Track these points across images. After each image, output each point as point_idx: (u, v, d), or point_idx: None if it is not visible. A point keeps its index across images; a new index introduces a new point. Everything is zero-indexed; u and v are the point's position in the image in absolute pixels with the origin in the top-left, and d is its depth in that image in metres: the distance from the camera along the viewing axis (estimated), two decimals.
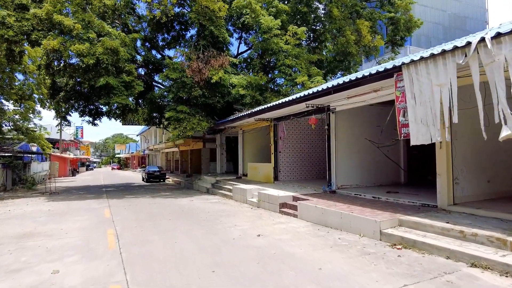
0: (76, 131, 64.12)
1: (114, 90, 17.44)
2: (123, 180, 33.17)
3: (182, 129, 17.53)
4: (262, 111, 14.04)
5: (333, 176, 12.07)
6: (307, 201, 10.01)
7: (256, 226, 8.76)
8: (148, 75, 23.54)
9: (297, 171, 16.65)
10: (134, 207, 12.67)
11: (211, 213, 10.99)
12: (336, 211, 8.40)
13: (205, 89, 18.28)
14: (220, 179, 18.92)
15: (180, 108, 17.86)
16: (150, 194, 17.57)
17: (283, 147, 16.22)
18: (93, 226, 8.91)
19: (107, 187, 24.02)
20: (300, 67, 18.70)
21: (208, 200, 14.53)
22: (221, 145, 23.88)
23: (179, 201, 14.26)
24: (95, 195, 17.75)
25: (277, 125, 15.95)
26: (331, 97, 11.02)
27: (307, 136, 17.02)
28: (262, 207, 11.97)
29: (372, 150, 13.09)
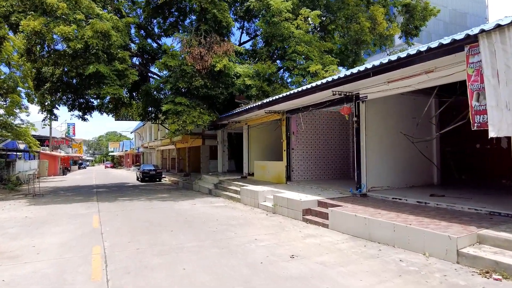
0: (68, 128, 61.73)
1: (105, 80, 15.49)
2: (116, 179, 31.15)
3: (181, 123, 15.63)
4: (276, 102, 12.20)
5: (362, 177, 10.29)
6: (339, 208, 8.21)
7: (282, 240, 6.94)
8: (143, 65, 21.58)
9: (312, 171, 14.85)
10: (128, 213, 10.79)
11: (220, 221, 9.14)
12: (386, 222, 6.61)
13: (207, 79, 16.39)
14: (223, 179, 17.07)
15: (179, 100, 15.95)
16: (145, 196, 15.67)
17: (296, 143, 14.41)
18: (76, 242, 7.02)
19: (98, 187, 22.04)
20: (313, 55, 16.87)
21: (212, 204, 12.69)
22: (222, 141, 22.00)
23: (180, 205, 12.40)
24: (84, 197, 15.80)
25: (290, 118, 14.13)
26: (364, 83, 9.22)
27: (323, 131, 15.23)
28: (279, 213, 10.17)
29: (403, 146, 11.35)
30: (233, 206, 12.14)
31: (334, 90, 9.93)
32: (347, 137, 16.01)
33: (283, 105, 12.67)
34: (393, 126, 11.10)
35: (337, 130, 15.65)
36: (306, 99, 11.34)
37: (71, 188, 21.41)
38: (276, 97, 12.13)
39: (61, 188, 21.85)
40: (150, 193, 17.39)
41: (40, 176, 36.10)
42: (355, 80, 8.77)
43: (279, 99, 12.00)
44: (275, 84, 16.92)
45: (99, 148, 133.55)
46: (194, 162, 30.14)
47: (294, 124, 14.31)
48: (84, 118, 22.97)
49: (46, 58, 15.82)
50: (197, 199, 14.38)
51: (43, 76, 18.75)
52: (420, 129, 11.15)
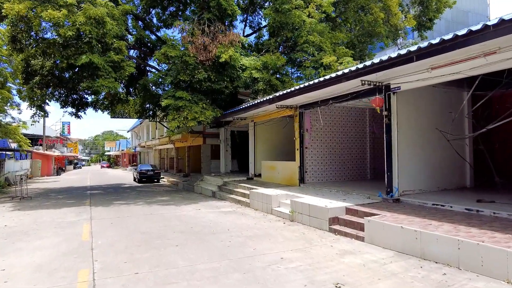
0: (63, 127, 60.13)
1: (100, 71, 14.10)
2: (112, 180, 29.69)
3: (182, 119, 14.25)
4: (291, 94, 10.86)
5: (394, 179, 8.98)
6: (377, 217, 6.90)
7: (316, 260, 5.61)
8: (141, 58, 20.17)
9: (327, 172, 13.53)
10: (124, 220, 9.41)
11: (232, 232, 7.80)
12: (447, 237, 5.30)
13: (210, 72, 15.02)
14: (228, 181, 15.73)
15: (180, 94, 14.57)
16: (144, 199, 14.28)
17: (310, 141, 13.09)
18: (58, 263, 5.65)
19: (93, 189, 20.61)
20: (326, 46, 15.55)
21: (219, 209, 11.34)
22: (225, 140, 20.65)
23: (183, 211, 11.04)
24: (76, 200, 14.39)
25: (304, 114, 12.81)
26: (401, 70, 7.91)
27: (338, 128, 13.92)
28: (298, 221, 8.84)
29: (434, 145, 10.10)
30: (242, 211, 10.79)
31: (363, 79, 8.61)
32: (363, 135, 14.72)
33: (298, 99, 11.33)
34: (425, 121, 9.82)
35: (352, 127, 14.35)
36: (327, 90, 10.02)
37: (64, 190, 19.96)
38: (292, 89, 10.78)
39: (52, 189, 20.39)
40: (148, 195, 16.01)
41: (33, 176, 34.61)
42: (393, 66, 7.45)
43: (295, 91, 10.66)
44: (284, 78, 15.58)
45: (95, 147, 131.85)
46: (194, 162, 28.77)
47: (308, 120, 12.99)
48: (77, 115, 21.54)
49: (34, 48, 14.37)
50: (201, 203, 13.02)
51: (32, 69, 17.28)
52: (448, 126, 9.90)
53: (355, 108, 14.30)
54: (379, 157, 15.14)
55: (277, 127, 16.60)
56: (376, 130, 14.89)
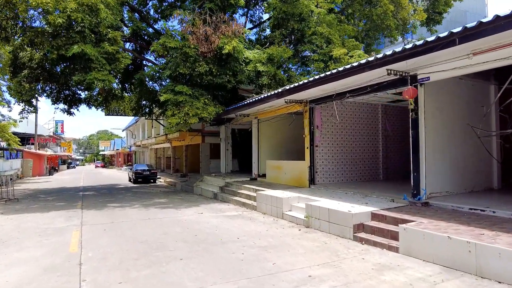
0: (56, 126, 58.75)
1: (93, 64, 13.06)
2: (106, 180, 28.54)
3: (183, 115, 13.21)
4: (304, 87, 9.88)
5: (422, 180, 8.04)
6: (413, 224, 5.94)
7: (350, 279, 4.64)
8: (137, 51, 19.10)
9: (339, 172, 12.59)
10: (119, 226, 8.38)
11: (243, 240, 6.81)
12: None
13: (212, 65, 14.01)
14: (230, 181, 14.73)
15: (180, 89, 13.54)
16: (140, 202, 13.24)
17: (321, 139, 12.14)
18: (36, 285, 4.62)
19: (86, 189, 19.51)
20: (335, 38, 14.62)
21: (223, 213, 10.34)
22: (226, 139, 19.64)
23: (184, 215, 10.02)
24: (66, 202, 13.31)
25: (314, 109, 11.86)
26: (435, 56, 6.96)
27: (350, 125, 12.98)
28: (315, 227, 7.87)
29: (460, 142, 9.21)
30: (250, 215, 9.80)
31: (390, 68, 7.66)
32: (375, 133, 13.80)
33: (311, 92, 10.36)
34: (451, 116, 8.92)
35: (364, 124, 13.42)
36: (345, 82, 9.05)
37: (55, 191, 18.83)
38: (305, 81, 9.80)
39: (43, 190, 19.25)
40: (145, 197, 14.95)
41: (24, 176, 33.35)
42: (429, 51, 6.49)
43: (309, 83, 9.69)
44: (290, 72, 14.61)
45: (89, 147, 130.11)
46: (192, 161, 27.73)
47: (319, 116, 12.04)
48: (70, 112, 20.40)
49: (22, 37, 13.27)
50: (203, 205, 12.01)
51: (20, 62, 16.15)
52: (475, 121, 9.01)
53: (367, 103, 13.39)
54: (392, 156, 14.27)
55: (282, 124, 15.62)
56: (388, 127, 13.98)
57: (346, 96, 9.78)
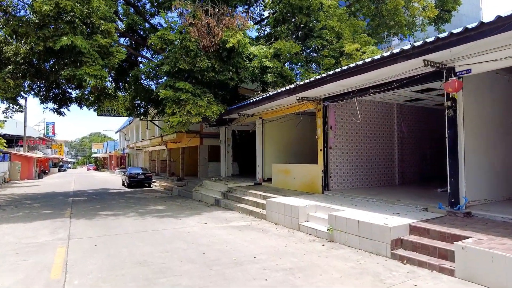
0: (47, 127, 56.99)
1: (84, 57, 11.90)
2: (98, 184, 27.19)
3: (185, 114, 12.08)
4: (321, 82, 8.84)
5: (461, 187, 7.02)
6: (474, 243, 4.90)
7: None
8: (132, 47, 17.93)
9: (354, 176, 11.57)
10: (112, 241, 7.22)
11: (262, 261, 5.72)
12: None
13: (214, 60, 12.92)
14: (233, 186, 13.63)
15: (181, 85, 12.43)
16: (135, 209, 12.06)
17: (335, 140, 11.11)
18: None
19: (76, 194, 18.23)
20: (346, 33, 13.64)
21: (229, 223, 9.23)
22: (226, 140, 18.54)
23: (186, 225, 8.89)
24: (54, 210, 12.08)
25: (328, 108, 10.83)
26: (486, 43, 5.95)
27: (364, 125, 11.98)
28: (341, 241, 6.81)
29: (497, 143, 8.24)
30: (260, 226, 8.71)
31: (428, 58, 6.65)
32: (390, 134, 12.82)
33: (329, 88, 9.31)
34: (490, 114, 7.96)
35: (378, 125, 12.43)
36: (369, 76, 8.03)
37: (42, 196, 17.53)
38: (324, 75, 8.74)
39: (30, 196, 17.93)
40: (140, 203, 13.76)
41: (11, 180, 31.83)
42: (482, 36, 5.49)
43: (327, 77, 8.63)
44: (299, 68, 13.59)
45: (82, 149, 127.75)
46: (189, 164, 26.56)
47: (333, 115, 11.02)
48: (60, 112, 19.17)
49: (4, 28, 12.06)
50: (205, 214, 10.88)
51: (5, 57, 14.89)
52: None
53: (382, 102, 12.43)
54: (407, 160, 13.30)
55: (289, 125, 14.60)
56: (404, 128, 13.02)
57: (369, 93, 8.77)
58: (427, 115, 13.97)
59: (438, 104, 13.62)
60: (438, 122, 14.53)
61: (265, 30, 20.63)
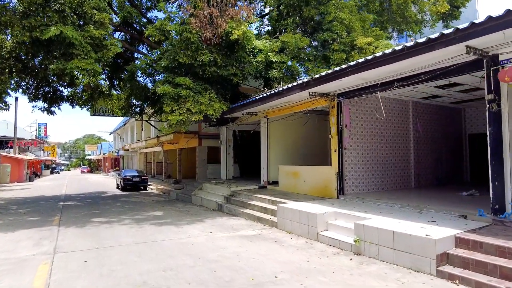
0: (39, 129, 55.53)
1: (75, 50, 10.90)
2: (92, 187, 26.05)
3: (185, 112, 11.12)
4: (340, 74, 7.93)
5: (507, 192, 6.13)
6: None
7: None
8: (128, 42, 16.92)
9: (370, 179, 10.68)
10: (105, 256, 6.23)
11: (285, 282, 4.78)
12: None
13: (217, 54, 11.98)
14: (236, 190, 12.68)
15: (180, 81, 11.46)
16: (131, 215, 11.06)
17: (350, 140, 10.21)
18: None
19: (67, 199, 17.14)
20: (356, 26, 12.80)
21: (237, 231, 8.27)
22: (227, 141, 17.58)
23: (189, 235, 7.91)
24: (41, 217, 11.03)
25: (342, 104, 9.93)
26: None
27: (379, 124, 11.11)
28: (371, 255, 5.89)
29: None
30: (273, 236, 7.76)
31: (471, 44, 5.78)
32: (406, 134, 11.97)
33: (348, 81, 8.39)
34: None
35: (394, 124, 11.57)
36: (399, 66, 7.12)
37: (31, 201, 16.42)
38: (344, 67, 7.80)
39: (17, 200, 16.81)
40: (136, 209, 12.75)
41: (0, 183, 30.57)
42: None
43: (348, 68, 7.70)
44: (307, 63, 12.69)
45: (75, 151, 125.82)
46: (186, 166, 25.55)
47: (347, 113, 10.13)
48: (50, 111, 18.08)
49: None
50: (208, 220, 9.91)
51: None
52: None
53: (397, 100, 11.58)
54: (422, 161, 12.44)
55: (295, 124, 13.72)
56: (419, 128, 12.19)
57: (393, 86, 7.87)
58: (442, 113, 13.17)
59: (454, 102, 12.85)
60: (454, 121, 13.83)
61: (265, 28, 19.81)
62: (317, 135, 15.01)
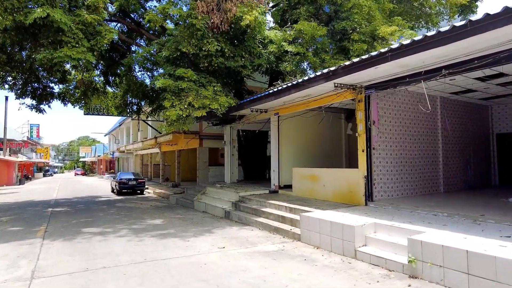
0: (31, 130, 53.81)
1: (65, 37, 9.62)
2: (85, 190, 24.60)
3: (186, 107, 9.85)
4: (377, 59, 6.71)
5: None
6: None
7: None
8: (124, 34, 15.60)
9: (400, 183, 9.47)
10: (96, 280, 4.93)
11: None
12: None
13: (224, 43, 10.73)
14: (245, 195, 11.42)
15: (182, 73, 10.18)
16: (128, 224, 9.74)
17: (379, 139, 9.00)
18: None
19: (58, 204, 15.75)
20: (377, 15, 11.64)
21: (255, 246, 7.00)
22: (231, 142, 16.31)
23: (198, 251, 6.62)
24: (25, 226, 9.68)
25: (370, 98, 8.72)
26: None
27: (406, 121, 9.92)
28: (434, 279, 4.67)
29: None
30: (299, 252, 6.49)
31: None
32: (433, 133, 10.79)
33: (383, 68, 7.16)
34: None
35: (421, 121, 10.37)
36: (452, 49, 5.90)
37: (16, 206, 15.01)
38: (383, 50, 6.55)
39: (1, 206, 15.38)
40: (133, 216, 11.43)
41: None
42: None
43: (388, 53, 6.47)
44: (323, 55, 11.48)
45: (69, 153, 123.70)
46: (186, 169, 24.29)
47: (375, 108, 8.92)
48: (39, 109, 16.74)
49: None
50: (217, 231, 8.62)
51: None
52: None
53: (423, 94, 10.39)
54: (451, 163, 11.27)
55: (309, 122, 12.52)
56: (448, 126, 11.02)
57: (440, 74, 6.67)
58: (469, 110, 12.05)
59: (483, 98, 11.71)
60: (481, 119, 12.67)
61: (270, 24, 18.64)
62: (329, 135, 13.83)
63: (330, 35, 12.05)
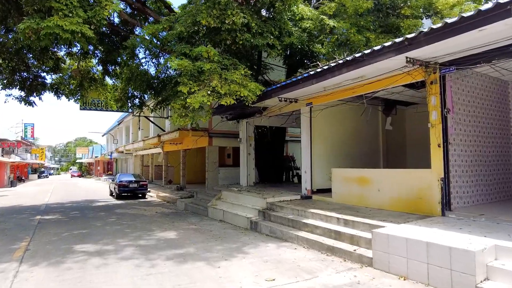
0: (25, 130, 51.56)
1: (54, 2, 7.65)
2: (81, 193, 22.51)
3: (210, 93, 7.87)
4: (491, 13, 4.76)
5: None
6: None
7: None
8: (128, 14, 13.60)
9: (480, 186, 7.53)
10: None
11: None
12: None
13: (250, 16, 8.76)
14: (274, 202, 9.44)
15: (203, 51, 8.21)
16: (133, 239, 7.74)
17: (453, 132, 7.06)
18: None
19: (49, 210, 13.71)
20: None
21: (315, 277, 5.04)
22: (248, 139, 14.30)
23: (238, 287, 4.64)
24: (2, 241, 7.65)
25: (445, 79, 6.78)
26: None
27: (477, 110, 7.98)
28: None
29: None
30: (383, 287, 4.51)
31: None
32: (505, 124, 8.84)
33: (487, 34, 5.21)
34: None
35: (492, 110, 8.43)
36: None
37: (4, 212, 12.95)
38: (491, 6, 4.64)
39: None
40: (138, 226, 9.41)
41: None
42: None
43: (496, 8, 4.57)
44: (367, 33, 9.54)
45: (66, 154, 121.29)
46: (192, 170, 22.30)
47: (450, 92, 6.98)
48: (28, 101, 14.70)
49: None
50: (249, 250, 6.63)
51: None
52: None
53: (496, 80, 8.49)
54: None
55: (347, 115, 10.60)
56: None
57: None
58: None
59: None
60: None
61: None
62: (366, 130, 11.91)
63: (376, 11, 10.10)
